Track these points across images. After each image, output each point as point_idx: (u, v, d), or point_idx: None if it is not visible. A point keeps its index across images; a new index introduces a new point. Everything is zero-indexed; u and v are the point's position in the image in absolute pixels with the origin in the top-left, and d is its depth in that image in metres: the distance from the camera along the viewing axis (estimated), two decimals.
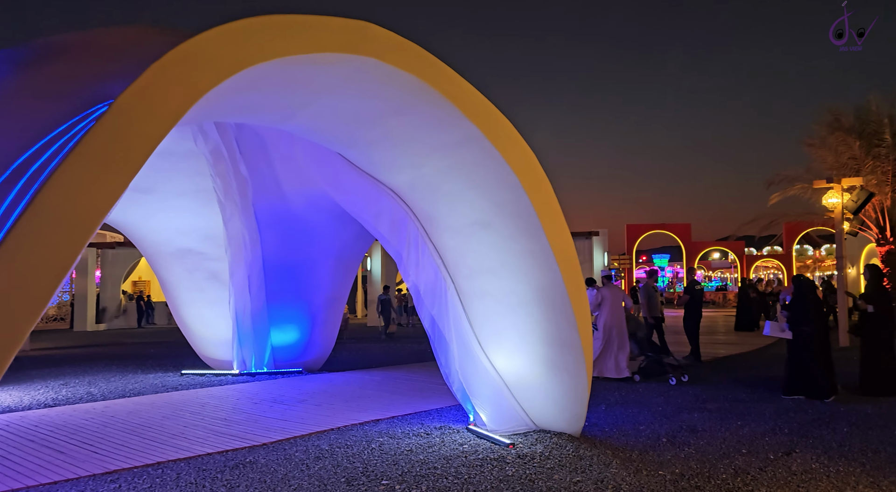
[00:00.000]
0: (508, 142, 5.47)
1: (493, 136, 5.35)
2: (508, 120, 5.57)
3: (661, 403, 8.19)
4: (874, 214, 17.13)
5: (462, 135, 5.43)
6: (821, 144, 17.55)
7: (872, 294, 8.86)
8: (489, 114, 5.40)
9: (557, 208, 5.72)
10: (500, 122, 5.45)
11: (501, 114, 5.46)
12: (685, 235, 33.10)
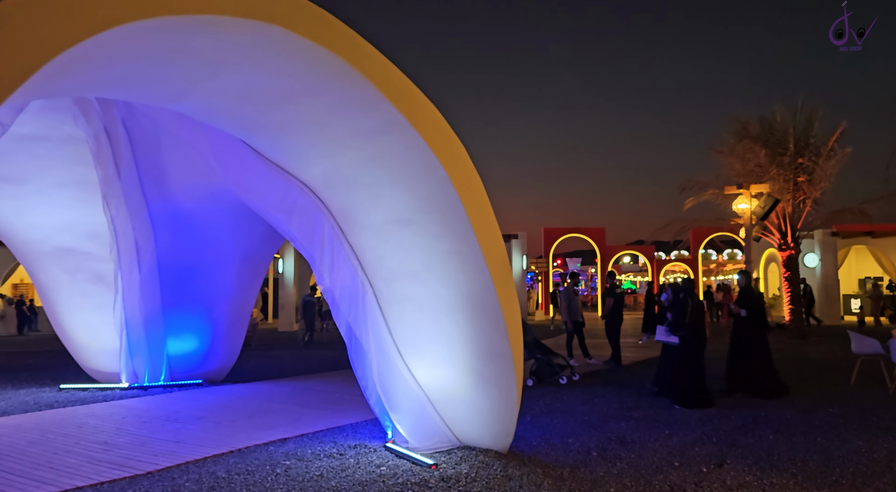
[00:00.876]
0: (435, 130, 4.92)
1: (418, 122, 4.78)
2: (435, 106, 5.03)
3: (587, 411, 7.90)
4: (777, 219, 17.92)
5: (383, 121, 4.84)
6: (729, 151, 18.19)
7: (745, 298, 8.96)
8: (414, 98, 4.83)
9: (488, 205, 5.23)
10: (426, 107, 4.89)
11: (427, 99, 4.91)
12: (600, 239, 33.81)
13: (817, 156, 17.36)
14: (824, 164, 17.29)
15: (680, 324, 8.24)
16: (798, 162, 17.38)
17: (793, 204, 17.68)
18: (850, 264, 27.40)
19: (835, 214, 18.04)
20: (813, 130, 17.43)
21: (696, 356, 8.15)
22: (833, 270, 23.94)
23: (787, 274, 18.09)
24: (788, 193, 17.54)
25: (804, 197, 17.56)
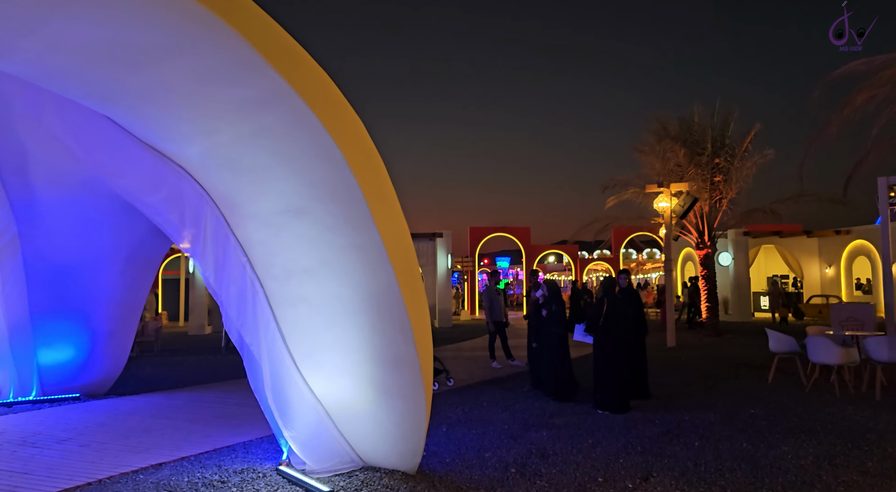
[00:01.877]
0: (328, 103, 4.20)
1: (307, 93, 4.05)
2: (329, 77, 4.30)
3: (507, 419, 7.37)
4: (694, 218, 18.20)
5: (266, 90, 4.07)
6: (650, 150, 18.34)
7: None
8: (302, 64, 4.10)
9: (391, 192, 4.55)
10: (317, 75, 4.17)
11: (319, 66, 4.18)
12: (525, 238, 33.83)
13: (733, 156, 17.73)
14: (740, 164, 17.67)
15: (592, 325, 7.82)
16: (715, 162, 17.69)
17: (710, 203, 17.98)
18: (760, 263, 28.52)
19: (748, 214, 18.50)
20: (729, 131, 17.79)
21: (614, 358, 7.78)
22: (745, 268, 24.75)
23: (704, 272, 18.39)
24: (706, 192, 17.82)
25: (720, 197, 17.89)
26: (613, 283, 8.32)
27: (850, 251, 25.49)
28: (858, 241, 24.88)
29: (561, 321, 8.63)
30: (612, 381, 7.70)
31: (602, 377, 7.73)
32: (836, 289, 25.67)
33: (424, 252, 25.74)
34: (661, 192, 15.20)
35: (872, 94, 9.57)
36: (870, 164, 10.76)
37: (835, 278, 26.01)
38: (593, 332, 7.89)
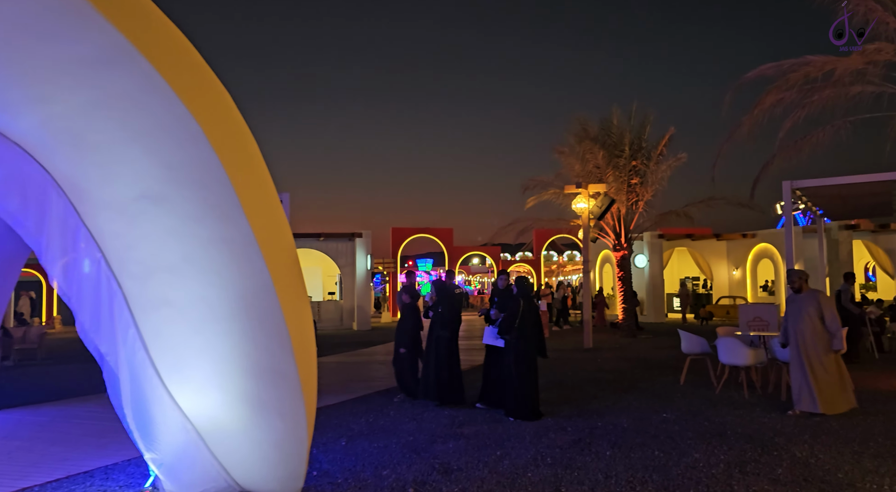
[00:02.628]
0: (182, 67, 3.54)
1: (153, 53, 3.36)
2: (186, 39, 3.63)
3: (413, 430, 6.84)
4: (612, 220, 18.37)
5: (105, 47, 3.36)
6: (570, 152, 18.37)
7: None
8: (146, 16, 3.41)
9: (266, 177, 3.93)
10: (166, 31, 3.49)
11: (170, 21, 3.51)
12: (447, 239, 33.55)
13: (649, 159, 18.00)
14: (655, 167, 17.96)
15: (509, 327, 7.43)
16: (632, 164, 17.90)
17: (627, 205, 18.18)
18: (674, 265, 29.41)
19: (662, 217, 18.85)
20: (646, 134, 18.05)
21: (528, 363, 7.42)
22: (659, 270, 25.39)
23: (621, 274, 18.58)
24: (623, 194, 18.00)
25: (637, 199, 18.12)
26: (529, 283, 7.97)
27: (755, 254, 26.64)
28: (763, 244, 26.04)
29: (447, 324, 8.18)
30: (525, 387, 7.33)
31: (514, 383, 7.34)
32: (742, 290, 26.76)
33: (344, 253, 24.91)
34: (579, 193, 15.15)
35: (780, 98, 9.73)
36: (777, 167, 10.99)
37: (741, 280, 27.12)
38: (509, 334, 7.47)
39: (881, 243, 24.85)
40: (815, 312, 7.15)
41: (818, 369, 7.09)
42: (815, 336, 7.15)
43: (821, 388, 7.05)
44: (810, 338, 7.16)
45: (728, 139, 10.36)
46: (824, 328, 7.13)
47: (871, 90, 9.36)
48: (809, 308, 7.18)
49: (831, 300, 7.22)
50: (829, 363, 7.12)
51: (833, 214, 17.36)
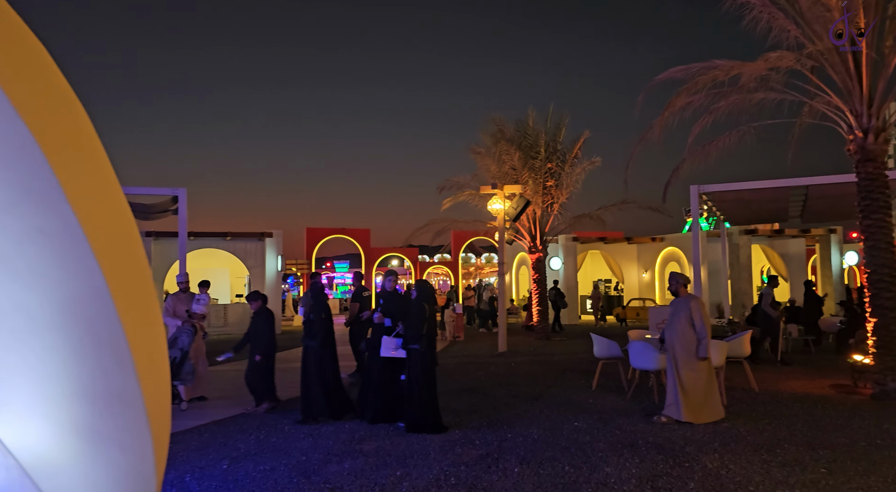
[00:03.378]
0: None
1: None
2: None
3: (307, 448, 6.18)
4: (527, 223, 18.29)
5: None
6: (486, 153, 18.16)
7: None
8: None
9: (100, 156, 3.19)
10: None
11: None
12: (364, 240, 32.76)
13: (564, 162, 18.04)
14: (570, 170, 18.02)
15: (417, 335, 6.90)
16: (548, 167, 17.87)
17: (542, 208, 18.14)
18: (587, 268, 29.97)
19: (577, 220, 18.98)
20: (561, 136, 18.08)
21: (432, 372, 6.94)
22: (573, 272, 25.72)
23: (536, 276, 18.53)
24: (539, 196, 17.95)
25: (552, 201, 18.12)
26: (431, 286, 7.45)
27: (663, 257, 27.52)
28: (670, 248, 26.93)
29: (314, 334, 7.45)
30: (430, 398, 6.83)
31: (418, 395, 6.81)
32: (651, 292, 27.56)
33: (253, 253, 23.63)
34: (494, 194, 14.88)
35: (689, 101, 9.76)
36: (687, 171, 11.09)
37: (651, 282, 27.94)
38: (418, 343, 6.91)
39: (776, 248, 26.28)
40: (686, 318, 6.98)
41: (684, 375, 6.93)
42: (683, 341, 6.96)
43: (686, 395, 6.89)
44: (679, 343, 6.99)
45: (639, 141, 10.32)
46: (695, 334, 6.97)
47: (773, 97, 9.53)
48: (681, 313, 7.02)
49: (703, 306, 7.02)
50: (698, 370, 6.93)
51: (736, 219, 18.00)
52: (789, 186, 12.59)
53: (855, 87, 8.63)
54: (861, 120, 8.62)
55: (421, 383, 6.78)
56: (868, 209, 8.58)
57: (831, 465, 5.27)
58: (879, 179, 8.56)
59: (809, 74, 9.11)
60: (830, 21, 8.51)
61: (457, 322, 18.59)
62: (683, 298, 7.16)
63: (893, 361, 8.24)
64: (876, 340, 8.46)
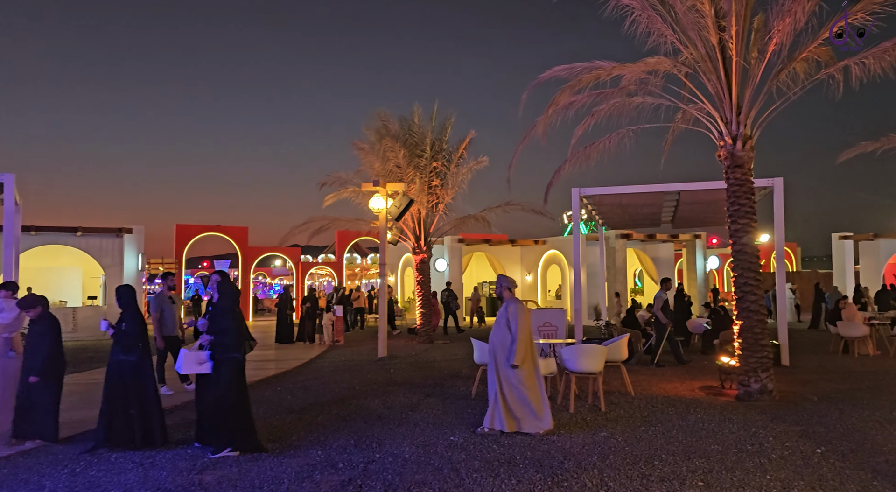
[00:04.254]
0: None
1: None
2: None
3: (134, 483, 5.17)
4: (412, 223, 17.76)
5: None
6: (370, 149, 17.41)
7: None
8: None
9: None
10: None
11: None
12: (241, 239, 30.81)
13: (450, 161, 17.69)
14: (456, 170, 17.70)
15: (234, 343, 6.05)
16: (433, 166, 17.44)
17: (427, 208, 17.69)
18: (472, 270, 30.01)
19: (462, 221, 18.70)
20: (447, 135, 17.72)
21: (244, 384, 6.19)
22: (459, 274, 25.56)
23: (420, 278, 18.04)
24: (424, 195, 17.47)
25: (437, 201, 17.71)
26: (235, 287, 6.62)
27: (546, 260, 28.10)
28: (553, 251, 27.53)
29: (132, 348, 6.27)
30: (247, 416, 6.09)
31: (230, 411, 5.97)
32: (534, 295, 28.03)
33: (109, 251, 21.35)
34: (376, 191, 14.20)
35: (572, 100, 9.64)
36: (569, 173, 11.01)
37: (533, 285, 28.43)
38: (236, 351, 6.06)
39: (649, 252, 27.63)
40: (505, 323, 6.71)
41: (504, 383, 6.64)
42: (502, 348, 6.68)
43: (505, 403, 6.60)
44: (500, 349, 6.69)
45: (523, 140, 10.07)
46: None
47: (651, 102, 9.63)
48: (501, 319, 6.75)
49: (524, 311, 6.70)
50: (520, 378, 6.60)
51: (614, 224, 18.49)
52: (664, 191, 12.92)
53: (725, 95, 8.82)
54: (731, 127, 8.82)
55: (235, 396, 5.98)
56: (736, 214, 8.80)
57: (707, 477, 5.09)
58: (746, 184, 8.80)
59: (685, 80, 9.24)
60: (704, 28, 8.63)
61: (336, 326, 17.70)
62: (506, 302, 6.85)
63: (757, 363, 8.47)
64: (741, 343, 8.68)
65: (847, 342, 13.65)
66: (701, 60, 8.84)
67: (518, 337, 6.59)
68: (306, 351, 15.49)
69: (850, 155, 12.17)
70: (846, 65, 8.48)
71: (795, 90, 8.84)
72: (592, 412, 7.62)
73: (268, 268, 54.84)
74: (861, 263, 26.37)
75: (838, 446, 5.91)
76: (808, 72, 8.82)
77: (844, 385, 9.42)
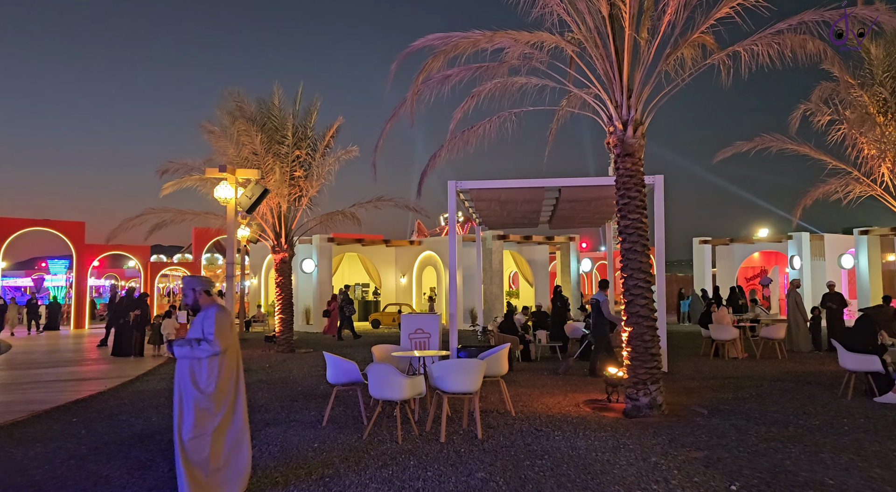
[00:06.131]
0: None
1: None
2: None
3: None
4: (271, 218, 15.77)
5: None
6: (223, 133, 15.20)
7: None
8: None
9: None
10: None
11: None
12: (77, 236, 26.81)
13: (315, 150, 15.90)
14: (322, 160, 15.94)
15: None
16: (296, 154, 15.56)
17: (289, 201, 15.76)
18: (344, 271, 28.19)
19: (329, 217, 16.91)
20: (312, 121, 15.91)
21: None
22: (328, 276, 23.70)
23: (280, 280, 16.06)
24: (286, 187, 15.54)
25: (300, 194, 15.84)
26: None
27: (421, 261, 26.91)
28: (428, 252, 26.39)
29: None
30: None
31: None
32: (409, 298, 26.73)
33: None
34: (224, 178, 12.14)
35: (448, 74, 8.36)
36: (446, 163, 9.74)
37: (408, 287, 27.14)
38: None
39: (524, 254, 27.29)
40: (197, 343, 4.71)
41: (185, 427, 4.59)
42: (184, 375, 4.67)
43: (187, 456, 4.57)
44: (183, 377, 4.67)
45: (392, 117, 8.64)
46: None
47: (535, 82, 8.62)
48: (196, 334, 4.74)
49: (226, 315, 4.77)
50: (201, 416, 4.61)
51: (492, 223, 17.58)
52: (545, 187, 12.06)
53: (615, 76, 7.92)
54: (621, 111, 7.94)
55: None
56: (626, 208, 7.91)
57: None
58: (637, 176, 7.95)
59: (574, 57, 8.24)
60: (594, 1, 7.68)
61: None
62: (204, 310, 4.78)
63: (647, 374, 7.61)
64: (630, 352, 7.79)
65: (718, 345, 13.59)
66: (590, 36, 7.89)
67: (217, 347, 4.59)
68: (138, 366, 13.03)
69: (727, 154, 11.98)
70: (735, 51, 7.88)
71: (684, 77, 8.15)
72: (467, 442, 6.30)
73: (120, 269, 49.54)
74: (718, 266, 27.72)
75: (751, 479, 4.99)
76: (695, 59, 8.18)
77: (728, 394, 8.88)
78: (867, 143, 12.83)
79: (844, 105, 12.67)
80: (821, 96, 12.42)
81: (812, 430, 6.65)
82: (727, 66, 7.96)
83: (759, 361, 12.76)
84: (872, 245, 21.95)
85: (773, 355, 13.20)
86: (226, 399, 4.68)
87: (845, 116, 12.74)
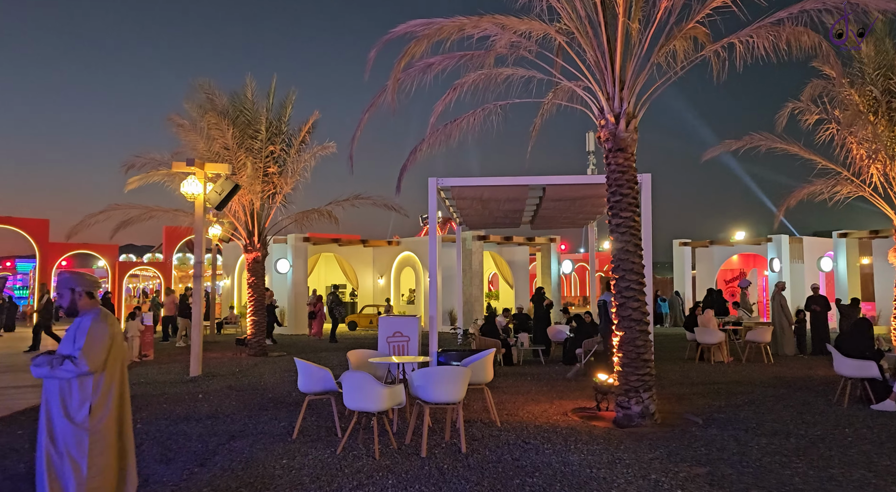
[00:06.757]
0: None
1: None
2: None
3: None
4: (244, 216, 15.11)
5: None
6: (192, 126, 14.50)
7: None
8: None
9: None
10: None
11: None
12: (40, 234, 25.77)
13: (290, 146, 15.28)
14: (297, 156, 15.33)
15: None
16: (270, 149, 14.93)
17: (262, 198, 15.12)
18: (320, 271, 27.52)
19: (304, 215, 16.29)
20: (287, 116, 15.29)
21: None
22: (303, 277, 23.03)
23: (252, 280, 15.40)
24: (259, 184, 14.90)
25: (274, 191, 15.21)
26: None
27: (399, 262, 26.35)
28: (406, 252, 25.85)
29: None
30: None
31: None
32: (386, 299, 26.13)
33: None
34: (191, 172, 11.50)
35: (430, 62, 7.88)
36: (427, 159, 9.25)
37: (386, 288, 26.56)
38: None
39: (505, 255, 26.88)
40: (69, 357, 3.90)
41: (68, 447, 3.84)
42: (60, 389, 3.89)
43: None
44: (54, 392, 3.89)
45: (370, 106, 8.13)
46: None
47: (522, 73, 8.18)
48: (67, 348, 3.90)
49: (110, 337, 3.94)
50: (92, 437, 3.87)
51: (473, 222, 17.11)
52: (528, 185, 11.61)
53: (607, 67, 7.51)
54: (613, 103, 7.53)
55: None
56: (618, 206, 7.51)
57: None
58: (629, 171, 7.55)
59: (565, 46, 7.80)
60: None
61: (144, 337, 14.52)
62: (83, 316, 3.99)
63: (639, 382, 7.20)
64: (621, 357, 7.38)
65: (703, 349, 13.29)
66: (581, 25, 7.47)
67: (89, 360, 3.78)
68: None
69: (715, 153, 11.67)
70: (731, 42, 7.51)
71: (676, 69, 7.78)
72: (450, 457, 5.81)
73: (90, 269, 48.14)
74: (697, 269, 27.63)
75: None
76: (688, 51, 7.83)
77: (720, 401, 8.52)
78: (856, 142, 12.62)
79: (834, 104, 12.45)
80: (812, 94, 12.17)
81: (815, 441, 6.29)
82: (721, 59, 7.60)
83: (745, 365, 12.48)
84: (851, 248, 22.00)
85: (759, 359, 12.94)
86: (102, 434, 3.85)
87: (835, 116, 12.52)
